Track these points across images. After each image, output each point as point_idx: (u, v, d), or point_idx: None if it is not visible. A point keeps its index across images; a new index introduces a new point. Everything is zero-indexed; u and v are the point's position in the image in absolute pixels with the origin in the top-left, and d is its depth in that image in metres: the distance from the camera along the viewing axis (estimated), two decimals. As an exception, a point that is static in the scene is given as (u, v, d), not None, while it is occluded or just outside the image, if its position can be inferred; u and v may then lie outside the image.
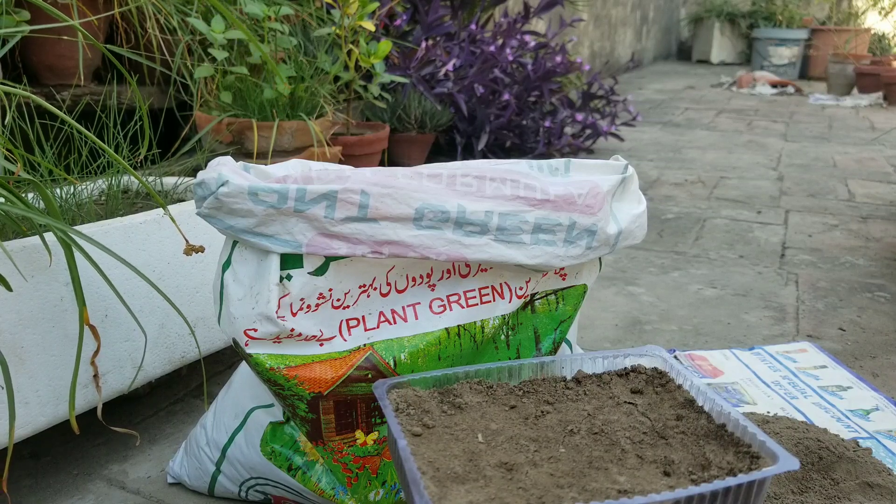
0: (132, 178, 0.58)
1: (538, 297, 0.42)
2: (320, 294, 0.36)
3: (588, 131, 1.59)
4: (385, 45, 0.97)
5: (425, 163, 0.76)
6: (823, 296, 0.83)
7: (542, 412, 0.35)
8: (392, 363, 0.38)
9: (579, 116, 1.53)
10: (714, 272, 0.91)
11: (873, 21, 3.85)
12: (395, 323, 0.39)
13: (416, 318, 0.39)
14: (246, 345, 0.37)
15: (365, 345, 0.38)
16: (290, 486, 0.42)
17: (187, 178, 0.63)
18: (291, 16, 1.00)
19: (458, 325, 0.39)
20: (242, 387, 0.43)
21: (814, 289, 0.85)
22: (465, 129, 1.42)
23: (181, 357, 0.53)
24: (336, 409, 0.38)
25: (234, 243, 0.37)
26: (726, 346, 0.69)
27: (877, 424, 0.53)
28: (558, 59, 1.50)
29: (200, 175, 0.35)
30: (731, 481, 0.29)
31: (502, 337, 0.42)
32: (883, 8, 3.81)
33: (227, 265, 0.37)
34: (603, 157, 0.52)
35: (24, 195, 0.41)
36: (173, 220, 0.45)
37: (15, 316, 0.40)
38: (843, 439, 0.46)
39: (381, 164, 1.22)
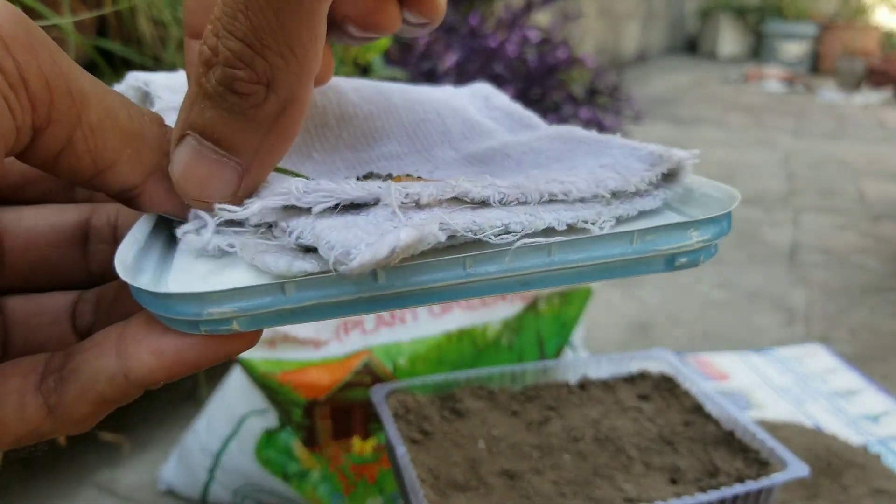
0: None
1: (542, 299, 0.41)
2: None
3: (593, 128, 1.57)
4: (383, 40, 0.96)
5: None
6: (834, 298, 0.81)
7: (546, 418, 0.34)
8: (391, 368, 0.37)
9: (583, 113, 1.51)
10: (723, 273, 0.89)
11: (883, 17, 3.80)
12: (393, 326, 0.38)
13: (416, 321, 0.38)
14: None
15: (363, 349, 0.37)
16: (285, 494, 0.41)
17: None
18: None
19: (459, 329, 0.39)
20: (236, 392, 0.42)
21: (824, 290, 0.84)
22: (469, 126, 1.40)
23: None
24: (333, 416, 0.38)
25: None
26: (735, 350, 0.67)
27: (886, 429, 0.52)
28: (561, 54, 1.49)
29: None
30: (739, 488, 0.28)
31: (504, 340, 0.41)
32: (893, 4, 3.76)
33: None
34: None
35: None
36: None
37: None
38: (852, 445, 0.45)
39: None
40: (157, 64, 0.85)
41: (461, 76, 1.37)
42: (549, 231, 0.14)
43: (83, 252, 0.17)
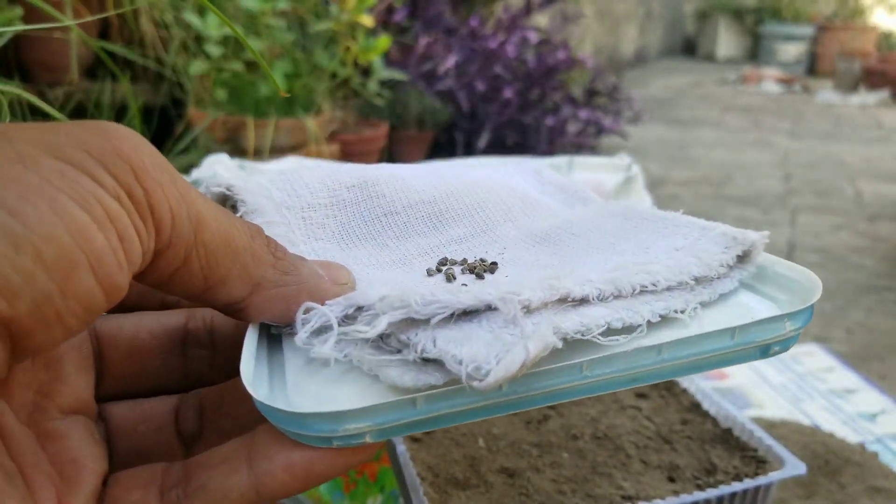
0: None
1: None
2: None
3: (591, 129, 1.57)
4: (383, 41, 0.96)
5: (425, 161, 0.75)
6: (831, 297, 0.82)
7: (545, 416, 0.34)
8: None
9: (582, 113, 1.52)
10: (719, 272, 0.90)
11: (880, 17, 3.82)
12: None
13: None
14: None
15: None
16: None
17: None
18: (288, 10, 0.99)
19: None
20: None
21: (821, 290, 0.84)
22: (466, 127, 1.41)
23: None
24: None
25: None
26: (731, 347, 0.68)
27: (884, 427, 0.52)
28: (561, 55, 1.49)
29: (195, 173, 0.35)
30: (736, 486, 0.29)
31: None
32: (891, 5, 3.78)
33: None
34: (607, 155, 0.51)
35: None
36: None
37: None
38: (849, 443, 0.45)
39: (381, 162, 1.21)
40: (159, 65, 0.86)
41: (461, 77, 1.37)
42: (645, 324, 0.15)
43: (182, 357, 0.17)
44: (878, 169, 1.54)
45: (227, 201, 0.19)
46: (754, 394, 0.58)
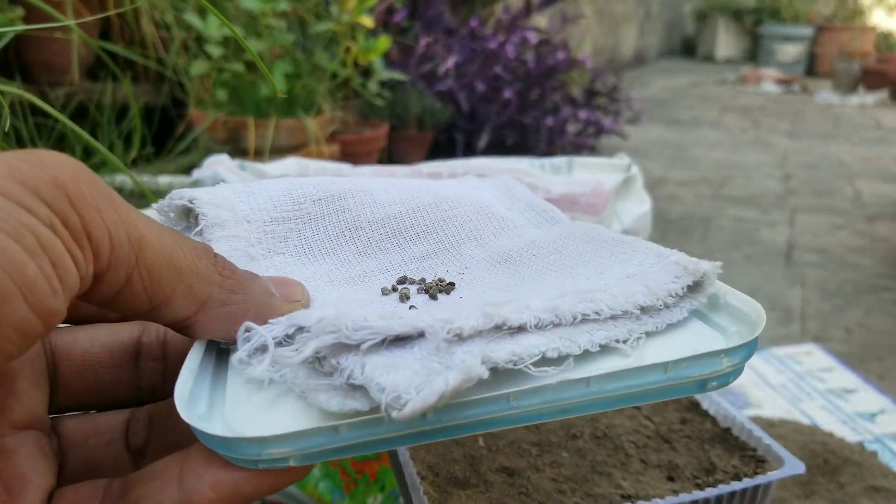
0: (126, 176, 0.58)
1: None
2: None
3: (591, 129, 1.58)
4: (384, 42, 0.96)
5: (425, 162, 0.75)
6: (830, 297, 0.82)
7: (544, 416, 0.35)
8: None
9: (582, 114, 1.52)
10: (720, 274, 0.90)
11: (880, 18, 3.83)
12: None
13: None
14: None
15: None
16: (287, 490, 0.41)
17: (182, 177, 0.62)
18: (289, 11, 0.99)
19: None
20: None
21: (820, 290, 0.84)
22: (466, 128, 1.41)
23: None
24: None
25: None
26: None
27: (883, 427, 0.52)
28: (560, 55, 1.49)
29: (195, 173, 0.35)
30: (736, 486, 0.29)
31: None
32: (890, 6, 3.78)
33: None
34: (606, 156, 0.52)
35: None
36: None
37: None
38: (848, 442, 0.46)
39: (381, 162, 1.21)
40: (160, 66, 0.86)
41: (461, 77, 1.37)
42: (583, 353, 0.15)
43: (134, 370, 0.17)
44: (877, 169, 1.54)
45: (190, 213, 0.19)
46: (753, 393, 0.58)
